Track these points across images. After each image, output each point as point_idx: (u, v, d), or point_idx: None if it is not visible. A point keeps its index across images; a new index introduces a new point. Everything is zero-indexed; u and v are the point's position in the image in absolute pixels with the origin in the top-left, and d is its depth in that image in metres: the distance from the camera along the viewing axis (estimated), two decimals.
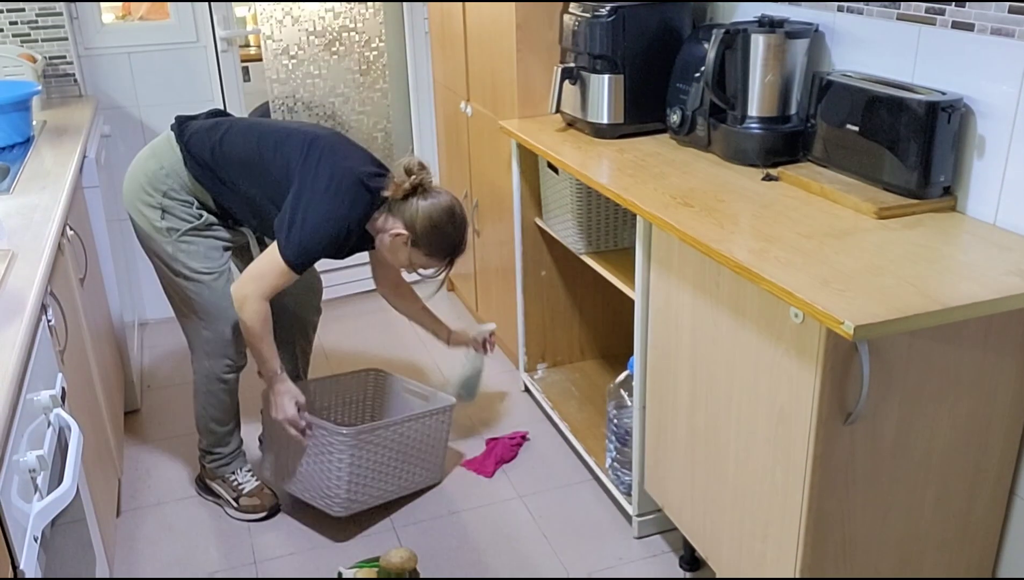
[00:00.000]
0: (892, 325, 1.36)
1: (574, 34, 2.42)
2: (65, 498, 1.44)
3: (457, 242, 2.16)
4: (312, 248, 2.07)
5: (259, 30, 3.51)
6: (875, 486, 1.59)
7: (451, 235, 2.13)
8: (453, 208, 2.13)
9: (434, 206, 2.10)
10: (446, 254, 2.16)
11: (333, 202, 2.06)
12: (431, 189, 2.12)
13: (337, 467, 2.22)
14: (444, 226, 2.11)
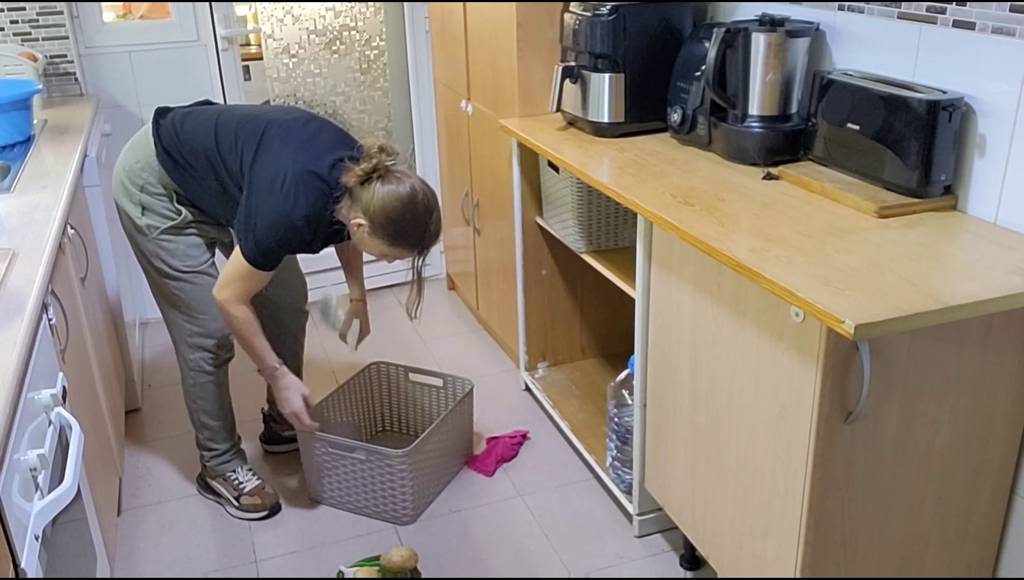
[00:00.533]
0: (893, 324, 1.36)
1: (575, 33, 2.42)
2: (66, 497, 1.45)
3: (420, 231, 2.03)
4: (269, 247, 2.03)
5: (260, 29, 3.51)
6: (876, 485, 1.59)
7: (410, 223, 2.01)
8: (414, 195, 2.00)
9: (390, 193, 1.98)
10: (410, 244, 2.05)
11: (278, 199, 1.99)
12: (392, 174, 2.00)
13: (401, 485, 2.28)
14: (403, 214, 1.99)
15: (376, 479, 2.30)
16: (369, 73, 3.72)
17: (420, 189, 2.03)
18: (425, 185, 2.06)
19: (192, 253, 2.24)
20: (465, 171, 3.23)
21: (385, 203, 1.99)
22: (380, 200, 1.99)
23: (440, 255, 3.83)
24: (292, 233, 2.02)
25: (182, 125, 2.16)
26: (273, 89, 3.58)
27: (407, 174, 2.04)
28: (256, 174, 2.03)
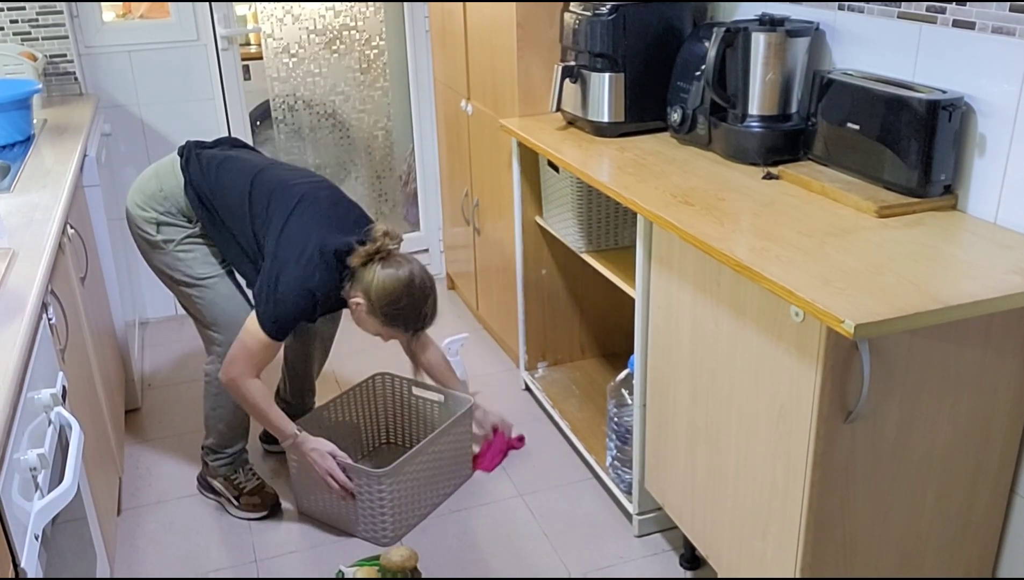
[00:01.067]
0: (893, 324, 1.36)
1: (575, 32, 2.42)
2: (66, 496, 1.45)
3: (415, 314, 2.14)
4: (286, 315, 2.09)
5: (259, 28, 3.51)
6: (875, 485, 1.59)
7: (407, 307, 2.11)
8: (412, 279, 2.10)
9: (390, 276, 2.08)
10: (404, 326, 2.15)
11: (303, 271, 2.06)
12: (392, 257, 2.11)
13: (379, 504, 2.23)
14: (399, 297, 2.09)
15: (360, 497, 2.24)
16: (369, 73, 3.72)
17: (418, 274, 2.13)
18: (424, 271, 2.15)
19: (210, 260, 2.26)
20: (465, 171, 3.23)
21: (384, 285, 2.08)
22: (379, 282, 2.08)
23: (440, 255, 3.84)
24: (308, 305, 2.09)
25: (217, 172, 2.22)
26: (273, 89, 3.58)
27: (408, 259, 2.14)
28: (283, 243, 2.09)
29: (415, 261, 2.16)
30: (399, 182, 3.96)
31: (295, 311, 2.09)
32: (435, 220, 3.81)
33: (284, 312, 2.08)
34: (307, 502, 2.38)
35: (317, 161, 3.79)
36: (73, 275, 2.16)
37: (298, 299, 2.07)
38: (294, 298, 2.07)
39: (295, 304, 2.08)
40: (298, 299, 2.07)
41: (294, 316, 2.10)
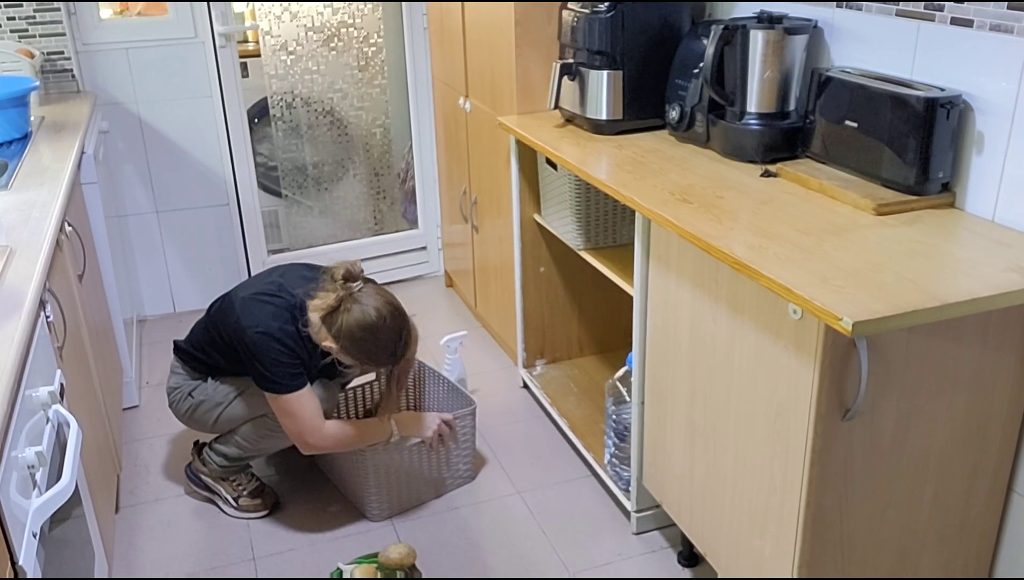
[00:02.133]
0: (890, 321, 1.36)
1: (573, 30, 2.42)
2: (64, 494, 1.45)
3: (388, 351, 2.15)
4: (277, 364, 2.12)
5: (257, 26, 3.50)
6: (873, 482, 1.59)
7: (380, 345, 2.13)
8: (381, 320, 2.09)
9: (356, 322, 2.08)
10: (380, 362, 2.21)
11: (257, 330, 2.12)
12: (356, 301, 2.09)
13: (366, 480, 2.30)
14: (367, 339, 2.10)
15: (348, 464, 2.33)
16: (367, 70, 3.72)
17: (386, 313, 2.11)
18: (392, 305, 2.14)
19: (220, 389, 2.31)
20: (463, 168, 3.23)
21: (351, 330, 2.09)
22: (348, 327, 2.09)
23: (438, 252, 3.84)
24: (282, 344, 2.12)
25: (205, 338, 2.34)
26: (271, 86, 3.57)
27: (373, 297, 2.12)
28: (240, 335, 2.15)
29: (381, 296, 2.14)
30: (397, 180, 3.96)
31: (279, 355, 2.12)
32: (433, 218, 3.81)
33: (274, 367, 2.12)
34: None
35: (315, 158, 3.78)
36: (71, 273, 2.16)
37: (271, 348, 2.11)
38: (268, 349, 2.11)
39: (272, 351, 2.11)
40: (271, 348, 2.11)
41: (283, 361, 2.12)
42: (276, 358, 2.12)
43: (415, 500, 2.41)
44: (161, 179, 3.42)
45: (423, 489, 2.42)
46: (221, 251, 3.57)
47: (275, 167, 3.76)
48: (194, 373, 2.37)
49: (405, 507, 2.39)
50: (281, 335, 2.12)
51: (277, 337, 2.12)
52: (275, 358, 2.12)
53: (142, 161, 3.38)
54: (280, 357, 2.12)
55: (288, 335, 2.13)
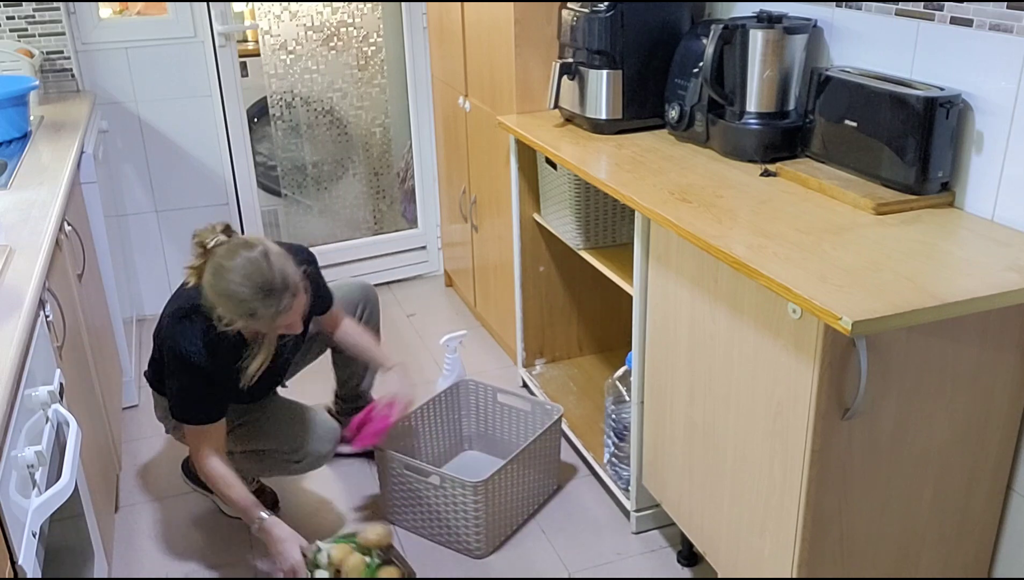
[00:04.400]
0: (890, 321, 1.36)
1: (572, 29, 2.42)
2: (63, 493, 1.45)
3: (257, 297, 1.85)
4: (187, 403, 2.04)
5: (257, 25, 3.50)
6: (873, 481, 1.59)
7: (252, 297, 1.85)
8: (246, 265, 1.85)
9: (217, 278, 1.87)
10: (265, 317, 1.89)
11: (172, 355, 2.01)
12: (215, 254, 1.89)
13: (475, 515, 2.18)
14: (237, 292, 1.85)
15: (449, 507, 2.21)
16: (367, 69, 3.72)
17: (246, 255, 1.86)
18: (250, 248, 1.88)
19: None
20: (463, 168, 3.23)
21: (213, 292, 1.88)
22: (211, 288, 1.89)
23: (438, 252, 3.84)
24: (190, 375, 1.99)
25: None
26: (270, 86, 3.57)
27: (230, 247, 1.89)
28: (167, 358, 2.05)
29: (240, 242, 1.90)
30: (397, 179, 3.96)
31: (186, 389, 2.02)
32: (433, 217, 3.81)
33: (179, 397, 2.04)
34: (391, 508, 2.34)
35: (315, 158, 3.79)
36: (70, 272, 2.16)
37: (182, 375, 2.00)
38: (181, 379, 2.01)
39: (183, 381, 2.01)
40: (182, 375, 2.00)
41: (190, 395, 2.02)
42: (183, 388, 2.02)
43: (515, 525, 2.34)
44: (160, 179, 3.42)
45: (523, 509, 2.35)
46: None
47: (275, 166, 3.76)
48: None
49: (509, 534, 2.32)
50: (196, 359, 1.97)
51: (191, 362, 1.97)
52: (182, 387, 2.02)
53: (142, 161, 3.38)
54: (187, 386, 2.01)
55: (200, 355, 1.97)
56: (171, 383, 2.05)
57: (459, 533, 2.23)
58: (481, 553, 2.23)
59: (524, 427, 2.51)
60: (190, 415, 2.06)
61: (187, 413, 2.06)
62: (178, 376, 2.02)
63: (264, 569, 2.22)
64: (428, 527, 2.28)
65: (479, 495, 2.15)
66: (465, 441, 2.63)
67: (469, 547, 2.23)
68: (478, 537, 2.21)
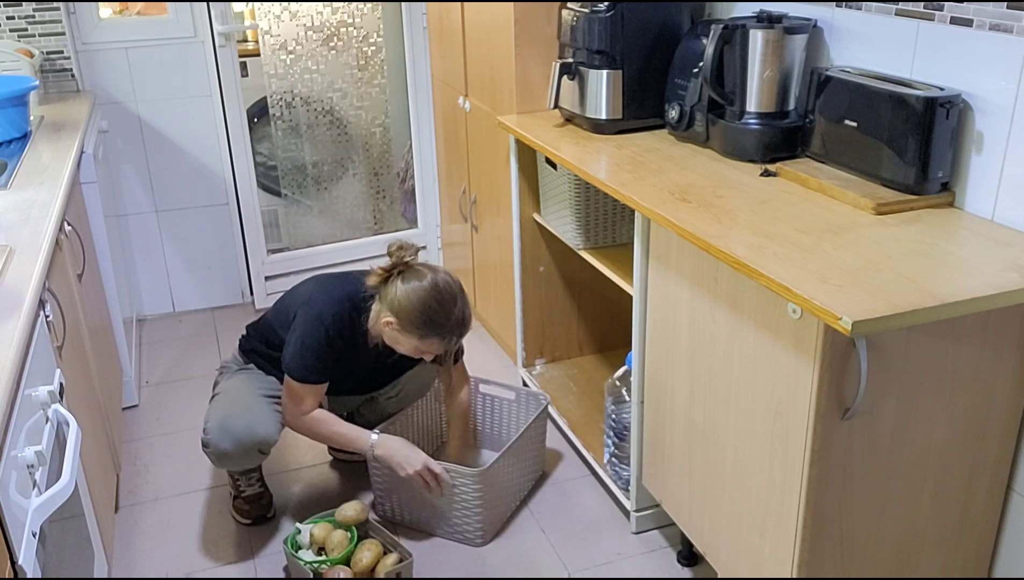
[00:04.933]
0: (890, 321, 1.36)
1: (572, 29, 2.42)
2: (63, 493, 1.45)
3: (446, 319, 2.08)
4: (304, 358, 2.15)
5: (257, 25, 3.50)
6: (873, 481, 1.59)
7: (436, 312, 2.07)
8: (435, 285, 2.07)
9: (412, 288, 2.07)
10: (440, 333, 2.10)
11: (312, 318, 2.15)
12: (412, 268, 2.10)
13: (475, 504, 2.22)
14: (427, 304, 2.06)
15: (449, 497, 2.23)
16: (367, 69, 3.72)
17: (443, 279, 2.10)
18: (448, 275, 2.13)
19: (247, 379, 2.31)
20: (463, 168, 3.23)
21: (407, 296, 2.07)
22: (403, 293, 2.07)
23: (438, 252, 3.84)
24: (319, 331, 2.13)
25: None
26: (270, 86, 3.57)
27: (430, 268, 2.12)
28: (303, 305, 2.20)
29: (438, 269, 2.14)
30: (397, 179, 3.96)
31: (305, 343, 2.14)
32: (433, 217, 3.81)
33: (299, 352, 2.15)
34: (387, 508, 2.35)
35: (315, 158, 3.79)
36: (70, 272, 2.16)
37: (312, 335, 2.13)
38: (309, 337, 2.14)
39: (309, 340, 2.14)
40: (312, 335, 2.13)
41: (311, 353, 2.14)
42: (307, 341, 2.14)
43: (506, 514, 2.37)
44: (161, 178, 3.42)
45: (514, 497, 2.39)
46: (220, 250, 3.58)
47: (275, 166, 3.76)
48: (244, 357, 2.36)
49: (503, 522, 2.35)
50: (328, 320, 2.13)
51: (323, 321, 2.13)
52: (306, 340, 2.14)
53: (142, 160, 3.38)
54: (311, 341, 2.13)
55: (333, 323, 2.13)
56: (296, 338, 2.16)
57: (459, 523, 2.26)
58: (481, 542, 2.26)
59: (512, 417, 2.55)
60: (303, 369, 2.15)
61: (301, 366, 2.15)
62: (306, 331, 2.14)
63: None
64: (427, 518, 2.31)
65: (479, 484, 2.18)
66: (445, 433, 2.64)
67: (469, 536, 2.26)
68: (479, 526, 2.24)
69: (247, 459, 2.21)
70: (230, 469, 2.30)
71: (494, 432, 2.62)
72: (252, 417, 2.18)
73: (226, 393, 2.26)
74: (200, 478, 2.57)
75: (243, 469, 2.30)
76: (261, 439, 2.18)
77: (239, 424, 2.16)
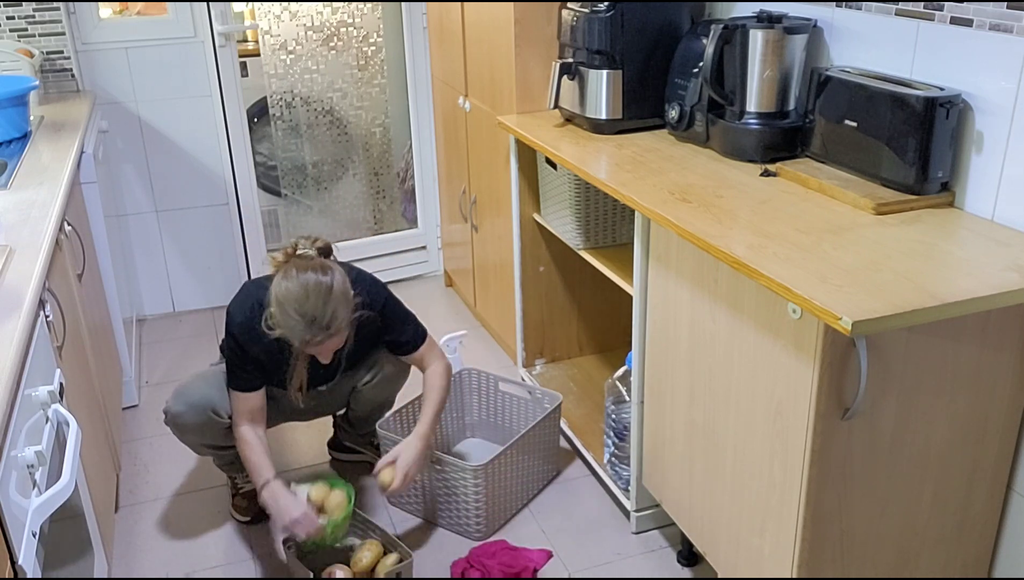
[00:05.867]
0: (890, 321, 1.36)
1: (572, 29, 2.42)
2: (63, 493, 1.45)
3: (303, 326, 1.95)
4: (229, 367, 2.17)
5: (257, 25, 3.50)
6: (872, 481, 1.59)
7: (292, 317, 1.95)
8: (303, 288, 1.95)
9: (279, 285, 1.97)
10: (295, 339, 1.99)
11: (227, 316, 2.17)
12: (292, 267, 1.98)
13: (475, 498, 2.23)
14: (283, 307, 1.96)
15: (450, 491, 2.26)
16: (367, 69, 3.72)
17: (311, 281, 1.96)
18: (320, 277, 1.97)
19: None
20: (463, 168, 3.23)
21: (275, 291, 1.98)
22: (274, 288, 1.99)
23: (438, 252, 3.84)
24: (231, 341, 2.15)
25: None
26: (270, 86, 3.57)
27: (308, 266, 1.99)
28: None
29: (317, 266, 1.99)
30: (397, 179, 3.96)
31: (228, 358, 2.17)
32: (433, 217, 3.81)
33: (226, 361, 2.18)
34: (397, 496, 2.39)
35: (315, 158, 3.79)
36: (70, 272, 2.16)
37: (228, 346, 2.16)
38: (226, 347, 2.17)
39: (227, 351, 2.17)
40: (228, 346, 2.16)
41: (230, 362, 2.17)
42: (226, 349, 2.18)
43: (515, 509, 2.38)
44: (160, 178, 3.42)
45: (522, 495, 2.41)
46: (220, 250, 3.58)
47: (275, 166, 3.76)
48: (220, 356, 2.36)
49: (508, 518, 2.36)
50: (235, 329, 2.13)
51: (231, 329, 2.14)
52: (226, 348, 2.19)
53: (141, 160, 3.38)
54: (228, 349, 2.16)
55: (241, 330, 2.12)
56: (222, 346, 2.23)
57: (459, 515, 2.28)
58: (480, 536, 2.28)
59: (525, 415, 2.56)
60: (230, 380, 2.19)
61: (229, 377, 2.19)
62: (225, 339, 2.18)
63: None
64: (429, 509, 2.34)
65: (479, 479, 2.20)
66: (468, 428, 2.69)
67: (468, 529, 2.28)
68: (478, 520, 2.26)
69: (205, 428, 2.20)
70: (193, 440, 2.27)
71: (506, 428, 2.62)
72: (206, 385, 2.23)
73: (192, 375, 2.31)
74: (200, 478, 2.57)
75: (206, 442, 2.27)
76: (213, 403, 2.19)
77: (194, 391, 2.21)
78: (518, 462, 2.34)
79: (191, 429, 2.22)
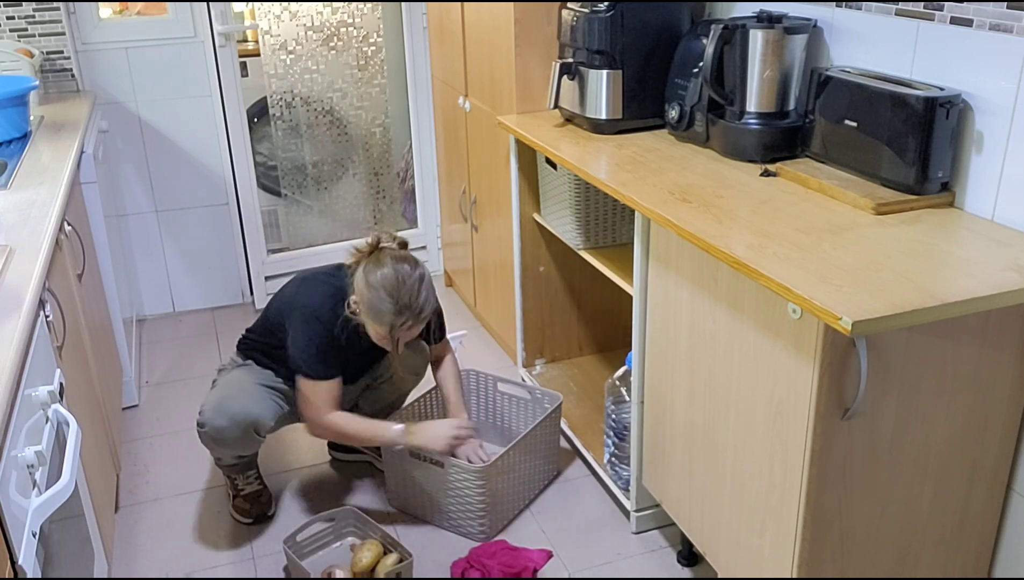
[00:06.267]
0: (890, 321, 1.36)
1: (572, 29, 2.42)
2: (63, 493, 1.45)
3: (394, 311, 2.07)
4: (308, 353, 2.16)
5: (257, 25, 3.50)
6: (872, 481, 1.59)
7: (385, 302, 2.07)
8: (395, 274, 2.07)
9: (370, 271, 2.09)
10: (383, 324, 2.10)
11: (304, 309, 2.19)
12: (382, 253, 2.11)
13: (478, 499, 2.23)
14: (375, 291, 2.07)
15: (451, 492, 2.26)
16: (367, 69, 3.72)
17: (407, 271, 2.10)
18: (410, 265, 2.11)
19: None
20: (463, 168, 3.23)
21: (365, 280, 2.09)
22: (361, 277, 2.10)
23: (438, 252, 3.84)
24: (320, 329, 2.16)
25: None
26: (270, 86, 3.57)
27: (398, 257, 2.12)
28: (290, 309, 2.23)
29: (407, 257, 2.14)
30: (397, 179, 3.96)
31: (310, 341, 2.16)
32: (433, 217, 3.81)
33: (307, 350, 2.17)
34: (399, 495, 2.39)
35: (315, 158, 3.78)
36: (70, 272, 2.16)
37: (309, 329, 2.16)
38: (314, 335, 2.16)
39: (315, 338, 2.16)
40: (309, 329, 2.16)
41: (313, 346, 2.16)
42: (312, 339, 2.16)
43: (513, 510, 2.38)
44: (161, 178, 3.42)
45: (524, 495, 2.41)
46: (220, 250, 3.58)
47: (275, 166, 3.76)
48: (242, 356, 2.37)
49: (511, 519, 2.36)
50: (325, 317, 2.15)
51: (321, 318, 2.15)
52: (311, 338, 2.16)
53: (142, 160, 3.38)
54: (316, 338, 2.15)
55: (330, 318, 2.15)
56: (301, 340, 2.17)
57: (461, 517, 2.28)
58: (483, 537, 2.27)
59: (525, 415, 2.56)
60: (315, 366, 2.17)
61: (313, 364, 2.17)
62: (309, 331, 2.17)
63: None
64: (431, 511, 2.33)
65: (481, 480, 2.19)
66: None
67: (471, 531, 2.28)
68: (481, 521, 2.25)
69: (243, 441, 2.21)
70: (227, 453, 2.28)
71: (506, 429, 2.62)
72: (247, 398, 2.22)
73: (223, 382, 2.29)
74: (200, 478, 2.57)
75: (239, 454, 2.29)
76: (255, 418, 2.20)
77: (234, 404, 2.20)
78: (520, 463, 2.33)
79: (231, 443, 2.23)
